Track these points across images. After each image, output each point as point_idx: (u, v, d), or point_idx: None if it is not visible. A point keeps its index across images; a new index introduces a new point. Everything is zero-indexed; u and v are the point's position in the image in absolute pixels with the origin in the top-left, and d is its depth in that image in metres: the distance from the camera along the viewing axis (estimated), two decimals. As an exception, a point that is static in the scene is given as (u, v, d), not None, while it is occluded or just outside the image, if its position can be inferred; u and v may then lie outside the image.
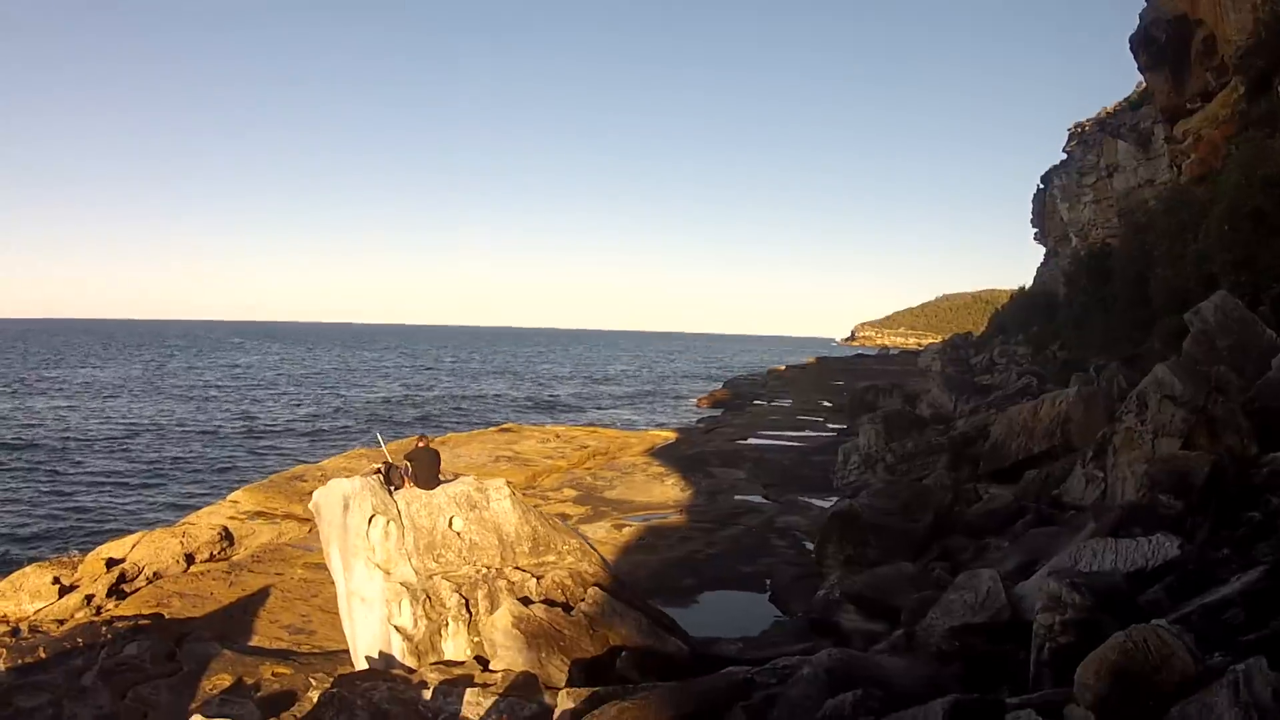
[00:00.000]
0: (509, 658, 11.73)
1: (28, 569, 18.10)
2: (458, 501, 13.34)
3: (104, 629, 14.22)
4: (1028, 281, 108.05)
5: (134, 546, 19.77)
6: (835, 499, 28.06)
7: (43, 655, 13.21)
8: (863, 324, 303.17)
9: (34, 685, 12.24)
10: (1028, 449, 23.51)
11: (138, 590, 17.52)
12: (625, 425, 55.81)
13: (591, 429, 46.73)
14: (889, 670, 10.15)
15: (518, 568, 13.32)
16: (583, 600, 12.95)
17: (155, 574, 18.54)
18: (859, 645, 13.45)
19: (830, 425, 52.16)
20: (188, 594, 16.86)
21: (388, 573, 12.40)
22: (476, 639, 12.39)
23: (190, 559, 19.58)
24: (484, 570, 12.93)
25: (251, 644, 14.38)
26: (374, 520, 12.51)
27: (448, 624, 12.41)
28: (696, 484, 30.42)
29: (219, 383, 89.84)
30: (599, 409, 74.28)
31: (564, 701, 9.53)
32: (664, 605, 16.08)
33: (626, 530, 23.03)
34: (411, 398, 79.29)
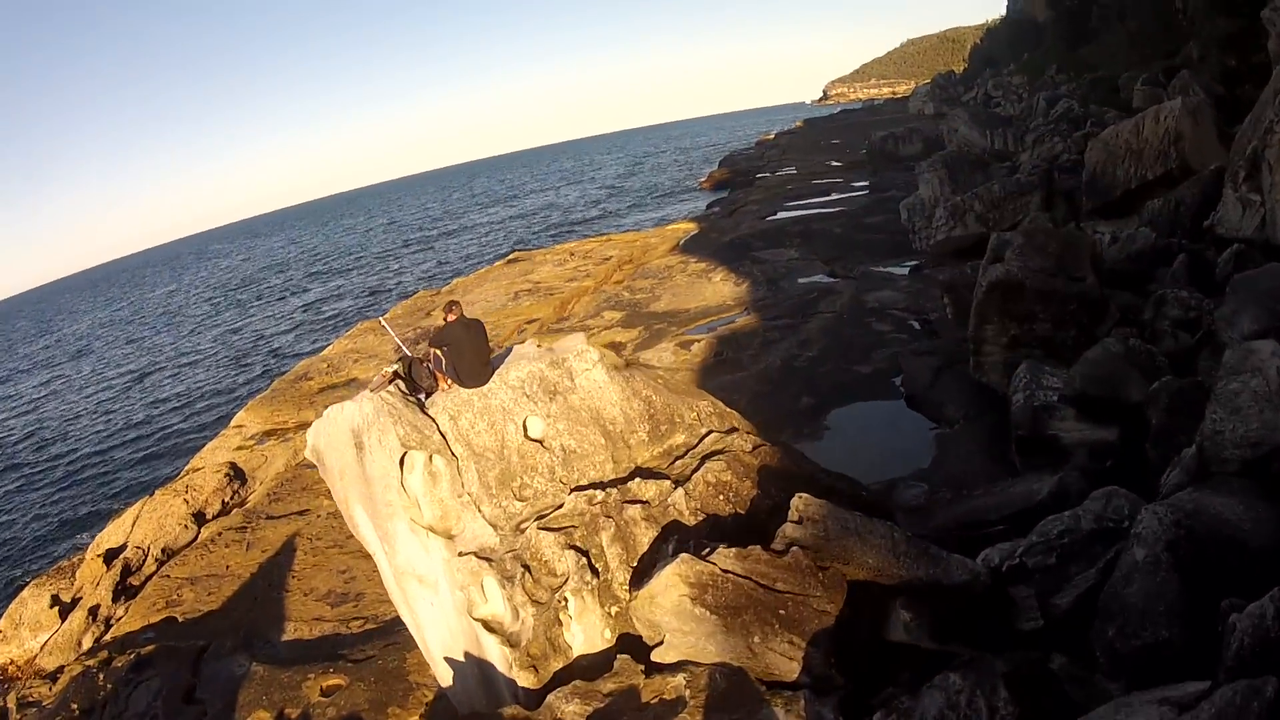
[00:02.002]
0: (691, 645, 7.54)
1: (25, 594, 15.17)
2: (529, 391, 8.93)
3: (100, 675, 10.59)
4: (995, 14, 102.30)
5: (135, 523, 16.47)
6: (916, 263, 24.58)
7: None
8: (833, 81, 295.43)
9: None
10: (1140, 176, 19.44)
11: (146, 583, 14.13)
12: (638, 226, 51.56)
13: (605, 237, 42.02)
14: (1235, 524, 6.47)
15: (641, 470, 9.25)
16: (782, 513, 8.20)
17: (164, 552, 15.22)
18: (1084, 462, 9.87)
19: (854, 184, 47.48)
20: (200, 578, 13.36)
21: (450, 537, 8.15)
22: (616, 609, 8.52)
23: (200, 519, 16.23)
24: (597, 493, 8.81)
25: (287, 639, 10.82)
26: (408, 459, 8.07)
27: (566, 600, 8.36)
28: (749, 274, 26.35)
29: (198, 303, 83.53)
30: (604, 217, 69.41)
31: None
32: (795, 442, 12.56)
33: (696, 347, 19.22)
34: (406, 259, 73.94)
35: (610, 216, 67.90)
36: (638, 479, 9.10)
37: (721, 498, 9.15)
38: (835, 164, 60.53)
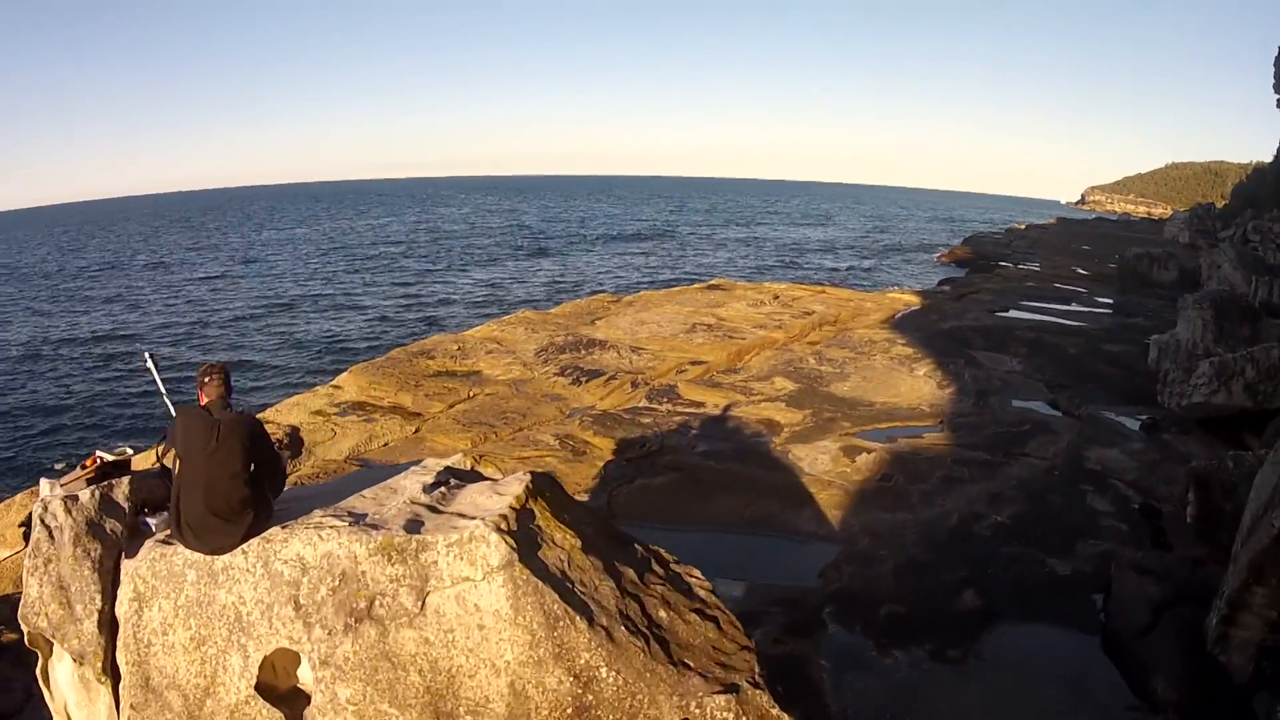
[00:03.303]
0: None
1: (15, 499, 13.54)
2: (307, 592, 4.99)
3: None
4: (1263, 154, 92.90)
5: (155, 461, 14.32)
6: (1154, 419, 19.38)
7: None
8: (1093, 188, 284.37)
9: None
10: None
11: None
12: (857, 284, 47.66)
13: (818, 288, 38.26)
14: None
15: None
16: None
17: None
18: None
19: (1098, 298, 41.53)
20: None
21: None
22: None
23: None
24: None
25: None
26: (59, 663, 4.88)
27: None
28: (958, 376, 21.90)
29: (331, 247, 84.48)
30: (824, 260, 65.75)
31: None
32: (931, 660, 8.73)
33: (863, 459, 15.22)
34: (608, 256, 72.52)
35: (831, 264, 64.06)
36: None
37: None
38: (1082, 271, 54.50)
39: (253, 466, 5.25)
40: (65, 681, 4.71)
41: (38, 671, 4.99)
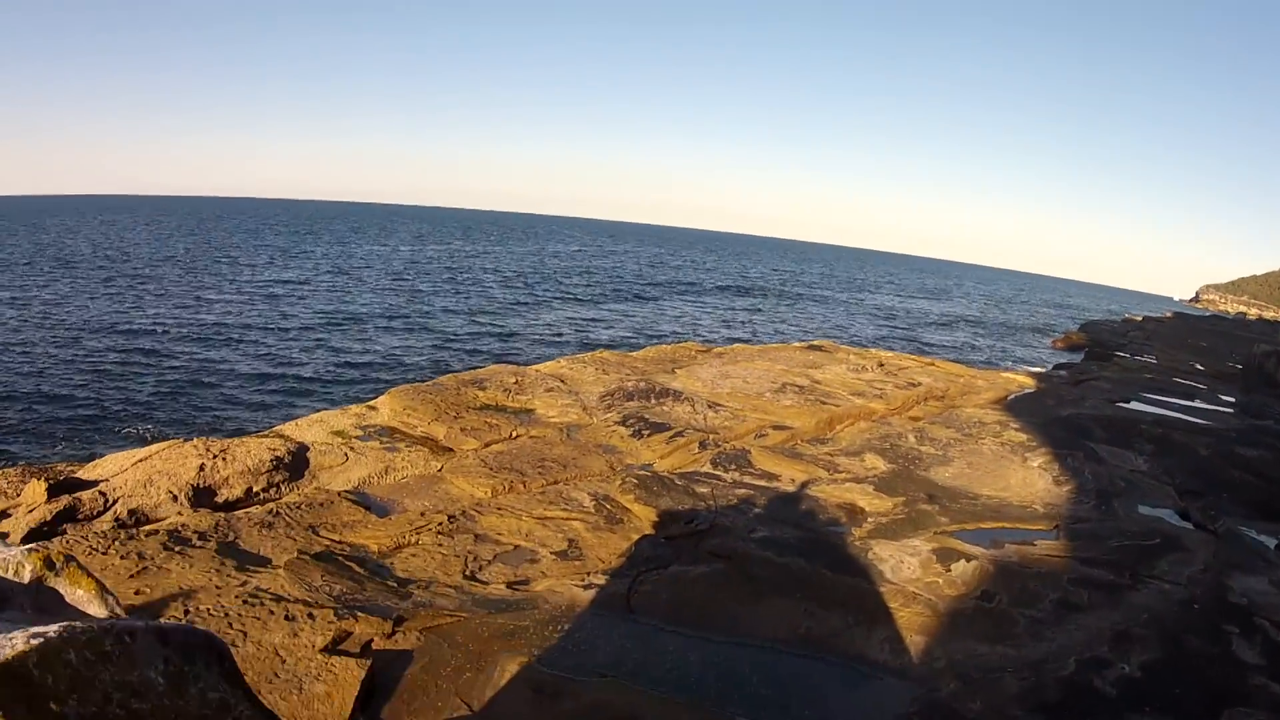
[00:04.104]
0: None
1: None
2: None
3: None
4: None
5: (136, 464, 12.63)
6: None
7: None
8: (1207, 286, 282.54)
9: None
10: None
11: (56, 538, 10.06)
12: (970, 360, 44.57)
13: (927, 360, 35.25)
14: None
15: None
16: None
17: (132, 515, 11.27)
18: None
19: (1221, 396, 37.53)
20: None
21: None
22: None
23: (203, 494, 12.12)
24: None
25: None
26: None
27: None
28: (1076, 471, 18.74)
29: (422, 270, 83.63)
30: (938, 335, 62.69)
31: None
32: None
33: (960, 568, 12.43)
34: (716, 307, 70.59)
35: (946, 344, 60.92)
36: None
37: None
38: (1199, 367, 50.47)
39: None
40: None
41: None
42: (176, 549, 9.97)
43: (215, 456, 12.92)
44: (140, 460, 12.92)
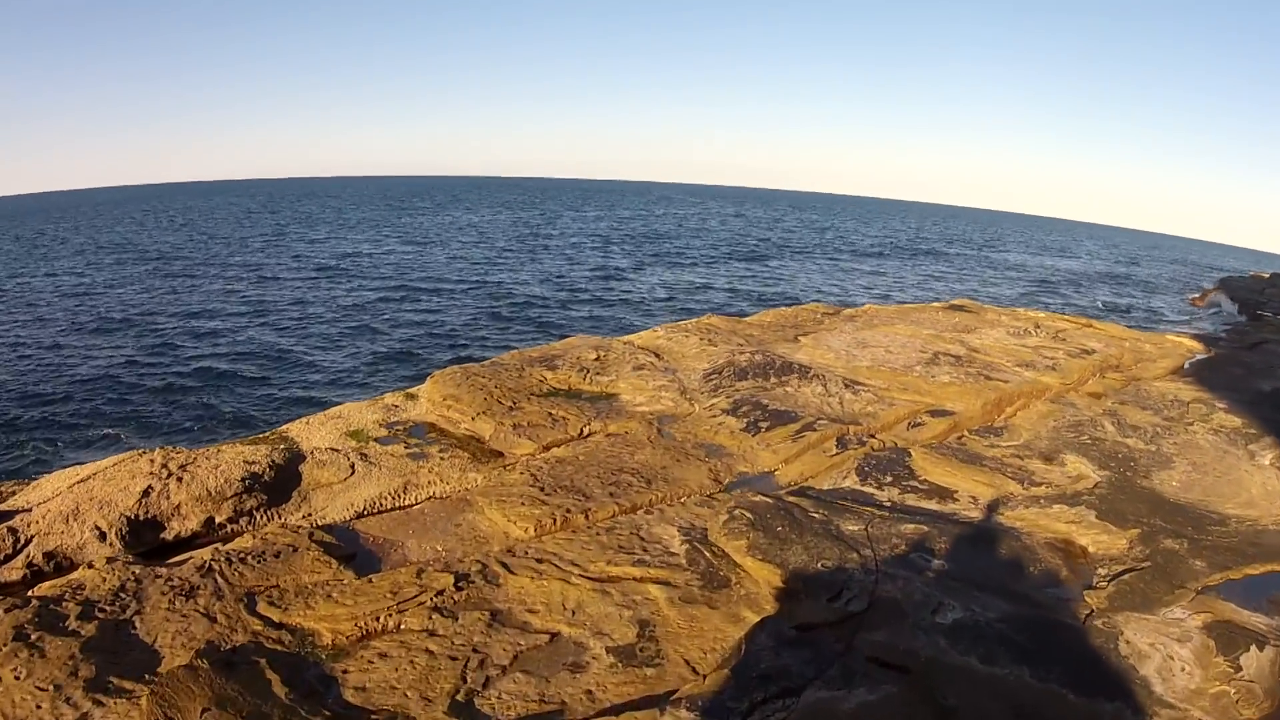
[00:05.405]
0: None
1: None
2: None
3: None
4: None
5: (75, 484, 9.26)
6: None
7: None
8: None
9: None
10: None
11: None
12: (1118, 320, 38.92)
13: (1084, 321, 29.66)
14: None
15: None
16: None
17: (47, 559, 7.93)
18: None
19: None
20: None
21: None
22: None
23: (144, 529, 8.66)
24: None
25: None
26: None
27: None
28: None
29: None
30: (1073, 293, 56.88)
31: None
32: None
33: (1252, 662, 7.18)
34: (854, 271, 65.42)
35: (1085, 303, 54.76)
36: None
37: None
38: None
39: None
40: None
41: None
42: (32, 635, 6.35)
43: (169, 475, 9.28)
44: (80, 481, 9.39)
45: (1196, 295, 64.23)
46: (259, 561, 7.71)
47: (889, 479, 10.70)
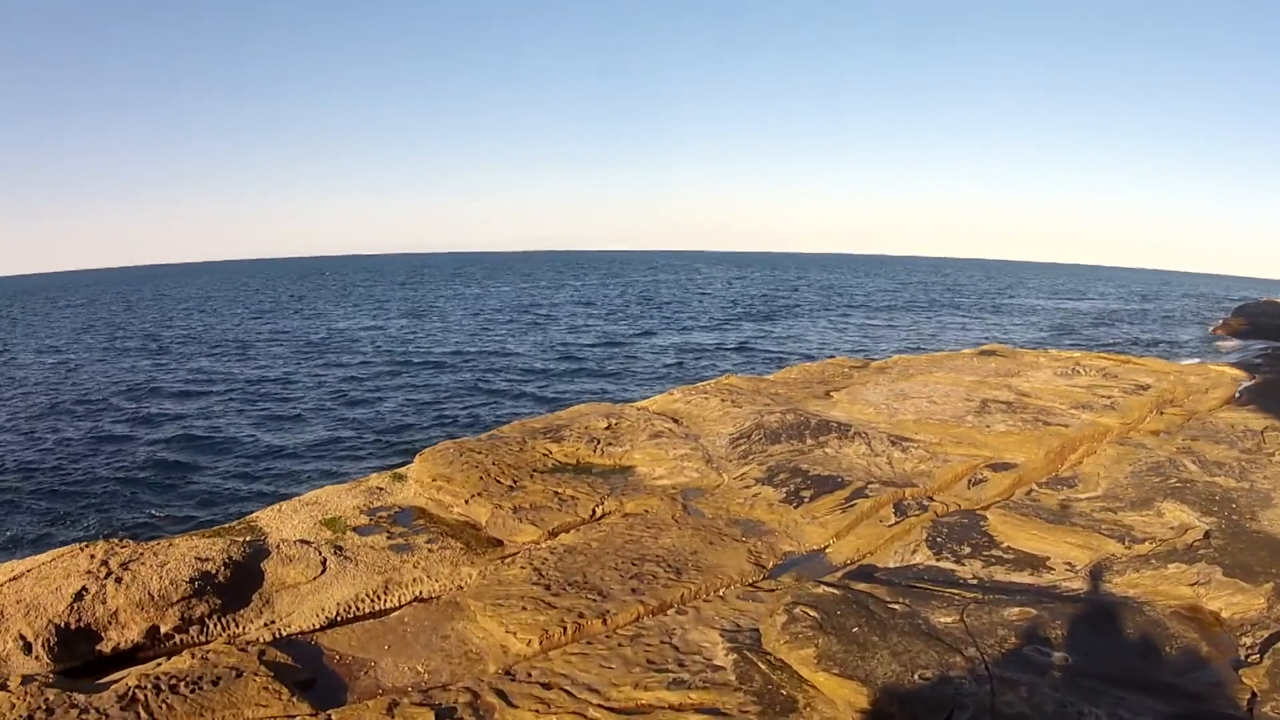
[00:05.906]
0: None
1: None
2: None
3: None
4: None
5: (7, 581, 7.68)
6: None
7: None
8: None
9: None
10: None
11: None
12: (1144, 354, 37.55)
13: (1121, 358, 27.83)
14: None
15: None
16: None
17: None
18: None
19: None
20: None
21: None
22: None
23: (75, 639, 7.07)
24: None
25: None
26: None
27: None
28: None
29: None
30: (1099, 331, 56.04)
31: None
32: None
33: None
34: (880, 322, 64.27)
35: (1111, 342, 53.25)
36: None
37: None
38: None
39: None
40: None
41: None
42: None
43: (109, 575, 7.67)
44: (12, 579, 7.76)
45: (1219, 324, 63.12)
46: (193, 690, 6.02)
47: (967, 550, 8.92)
